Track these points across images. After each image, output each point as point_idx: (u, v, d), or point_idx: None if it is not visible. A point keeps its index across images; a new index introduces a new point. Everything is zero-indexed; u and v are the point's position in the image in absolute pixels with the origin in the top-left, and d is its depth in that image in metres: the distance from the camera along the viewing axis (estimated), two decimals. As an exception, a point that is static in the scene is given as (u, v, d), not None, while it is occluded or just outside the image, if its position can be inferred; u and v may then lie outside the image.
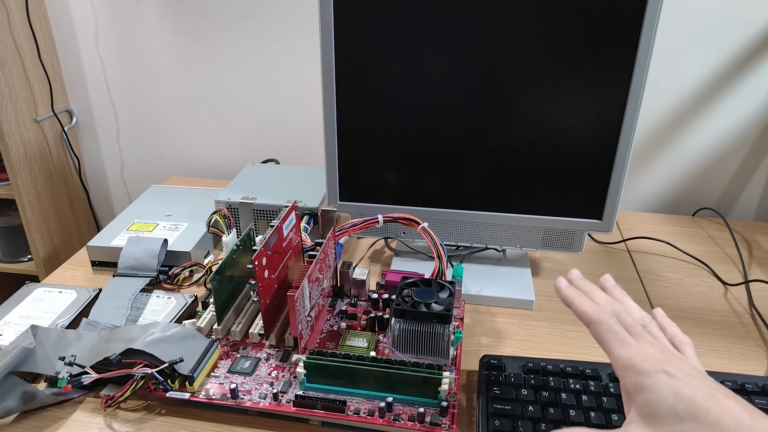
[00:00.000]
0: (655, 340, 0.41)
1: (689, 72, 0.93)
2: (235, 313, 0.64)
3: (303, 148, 1.12)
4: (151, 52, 1.09)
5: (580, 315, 0.44)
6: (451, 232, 0.74)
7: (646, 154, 1.01)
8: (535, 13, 0.61)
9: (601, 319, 0.42)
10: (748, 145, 0.98)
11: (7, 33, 1.00)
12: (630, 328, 0.42)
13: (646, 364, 0.38)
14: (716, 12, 0.89)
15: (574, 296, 0.46)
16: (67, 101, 1.17)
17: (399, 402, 0.52)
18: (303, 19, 1.01)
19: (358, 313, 0.66)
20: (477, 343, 0.65)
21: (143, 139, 1.19)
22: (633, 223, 0.95)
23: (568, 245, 0.73)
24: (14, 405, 0.52)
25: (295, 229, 0.64)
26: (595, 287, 0.47)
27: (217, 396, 0.53)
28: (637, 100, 0.63)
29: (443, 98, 0.66)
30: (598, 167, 0.67)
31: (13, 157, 1.04)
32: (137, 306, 0.68)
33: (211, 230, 0.72)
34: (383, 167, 0.72)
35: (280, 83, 1.07)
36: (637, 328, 0.42)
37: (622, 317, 0.42)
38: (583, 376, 0.55)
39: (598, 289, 0.47)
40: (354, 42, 0.65)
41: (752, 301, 0.73)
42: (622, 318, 0.42)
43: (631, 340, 0.40)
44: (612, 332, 0.41)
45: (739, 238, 0.90)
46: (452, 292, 0.59)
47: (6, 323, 0.64)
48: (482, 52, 0.63)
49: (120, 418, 0.54)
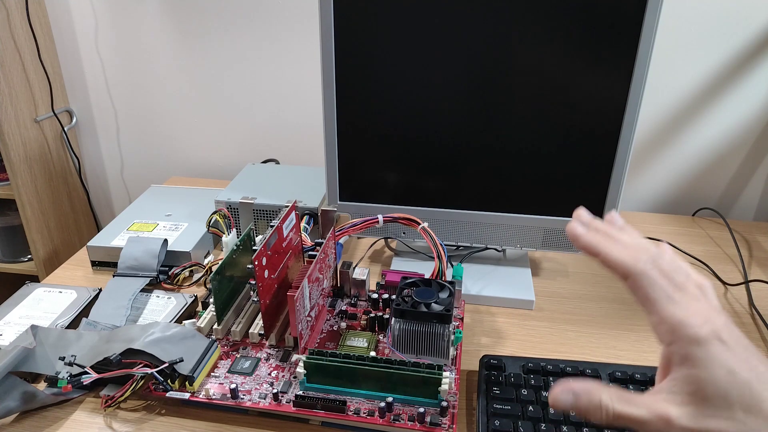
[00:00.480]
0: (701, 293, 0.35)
1: (689, 72, 0.93)
2: (235, 313, 0.64)
3: (303, 148, 1.12)
4: (151, 52, 1.09)
5: (613, 265, 0.36)
6: (451, 232, 0.74)
7: (646, 154, 1.01)
8: (536, 13, 0.61)
9: (644, 270, 0.34)
10: (748, 145, 0.98)
11: (7, 33, 1.00)
12: (672, 277, 0.35)
13: (700, 330, 0.32)
14: (716, 12, 0.89)
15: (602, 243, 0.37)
16: (67, 101, 1.17)
17: (399, 402, 0.52)
18: (303, 19, 1.01)
19: (358, 313, 0.66)
20: (477, 343, 0.65)
21: (143, 139, 1.19)
22: (633, 223, 0.95)
23: (568, 245, 0.73)
24: (14, 405, 0.52)
25: (295, 229, 0.64)
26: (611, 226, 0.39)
27: (217, 396, 0.53)
28: (637, 99, 0.63)
29: (443, 98, 0.66)
30: (598, 167, 0.67)
31: (13, 157, 1.04)
32: (137, 306, 0.68)
33: (211, 230, 0.72)
34: (383, 167, 0.72)
35: (280, 83, 1.07)
36: (680, 276, 0.35)
37: (660, 264, 0.35)
38: (583, 376, 0.55)
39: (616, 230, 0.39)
40: (354, 42, 0.65)
41: (752, 301, 0.73)
42: (660, 265, 0.35)
43: (679, 295, 0.34)
44: (658, 287, 0.34)
45: (739, 238, 0.90)
46: (452, 292, 0.59)
47: (6, 323, 0.64)
48: (482, 52, 0.63)
49: (120, 418, 0.54)
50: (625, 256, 0.36)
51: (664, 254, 0.36)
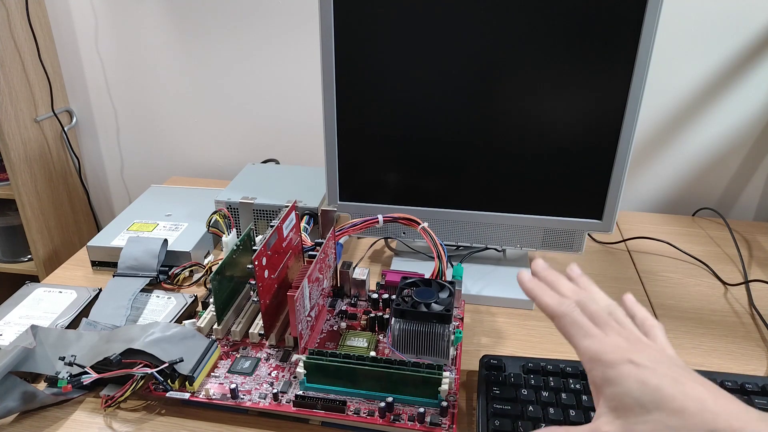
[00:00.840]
0: (621, 328, 0.40)
1: (689, 72, 0.93)
2: (235, 313, 0.64)
3: (303, 148, 1.12)
4: (151, 52, 1.09)
5: (543, 308, 0.43)
6: (451, 232, 0.74)
7: (646, 154, 1.01)
8: (536, 12, 0.61)
9: (565, 311, 0.41)
10: (748, 145, 0.98)
11: (7, 33, 1.00)
12: (595, 317, 0.40)
13: (611, 356, 0.37)
14: (716, 12, 0.89)
15: (536, 288, 0.44)
16: (67, 101, 1.17)
17: (399, 402, 0.52)
18: (303, 19, 1.01)
19: (358, 313, 0.66)
20: (477, 343, 0.65)
21: (143, 139, 1.19)
22: (633, 223, 0.95)
23: (568, 245, 0.73)
24: (14, 405, 0.52)
25: (295, 229, 0.64)
26: (560, 277, 0.46)
27: (217, 396, 0.53)
28: (637, 99, 0.63)
29: (443, 98, 0.66)
30: (598, 167, 0.67)
31: (13, 157, 1.04)
32: (137, 306, 0.68)
33: (211, 230, 0.72)
34: (383, 167, 0.72)
35: (280, 83, 1.07)
36: (603, 317, 0.40)
37: (587, 306, 0.41)
38: (583, 376, 0.55)
39: (563, 279, 0.45)
40: (354, 42, 0.65)
41: (752, 301, 0.73)
42: (586, 307, 0.41)
43: (596, 331, 0.39)
44: (576, 325, 0.40)
45: (739, 238, 0.90)
46: (452, 292, 0.59)
47: (6, 323, 0.64)
48: (482, 52, 0.63)
49: (120, 418, 0.54)
50: (551, 301, 0.42)
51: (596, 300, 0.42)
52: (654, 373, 0.35)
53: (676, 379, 0.35)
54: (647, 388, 0.35)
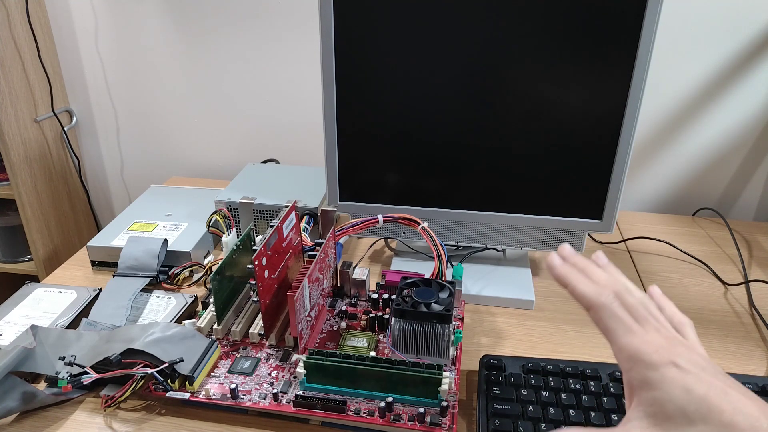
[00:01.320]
0: (660, 325, 0.37)
1: (689, 72, 0.93)
2: (235, 313, 0.64)
3: (303, 148, 1.12)
4: (151, 52, 1.09)
5: (578, 297, 0.39)
6: (451, 232, 0.74)
7: (646, 154, 1.01)
8: (535, 12, 0.61)
9: (605, 303, 0.38)
10: (748, 145, 0.98)
11: (7, 33, 1.00)
12: (634, 311, 0.38)
13: (654, 356, 0.34)
14: (716, 12, 0.89)
15: (571, 275, 0.41)
16: (67, 101, 1.17)
17: (399, 402, 0.52)
18: (303, 19, 1.01)
19: (358, 313, 0.66)
20: (477, 343, 0.65)
21: (143, 139, 1.19)
22: (633, 223, 0.95)
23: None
24: (14, 405, 0.52)
25: (295, 229, 0.64)
26: (591, 263, 0.43)
27: (217, 396, 0.53)
28: (637, 99, 0.63)
29: (443, 98, 0.66)
30: (598, 167, 0.67)
31: (13, 157, 1.04)
32: (137, 306, 0.68)
33: (211, 230, 0.72)
34: (383, 167, 0.72)
35: (280, 83, 1.07)
36: (641, 311, 0.38)
37: (625, 299, 0.38)
38: (583, 376, 0.55)
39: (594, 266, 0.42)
40: (354, 42, 0.65)
41: (752, 301, 0.73)
42: (624, 300, 0.38)
43: (637, 327, 0.37)
44: (616, 318, 0.37)
45: (739, 238, 0.90)
46: (452, 292, 0.59)
47: (6, 323, 0.64)
48: (482, 52, 0.63)
49: (120, 418, 0.54)
50: (589, 290, 0.39)
51: (631, 291, 0.39)
52: (698, 380, 0.33)
53: (724, 390, 0.32)
54: (692, 396, 0.32)
